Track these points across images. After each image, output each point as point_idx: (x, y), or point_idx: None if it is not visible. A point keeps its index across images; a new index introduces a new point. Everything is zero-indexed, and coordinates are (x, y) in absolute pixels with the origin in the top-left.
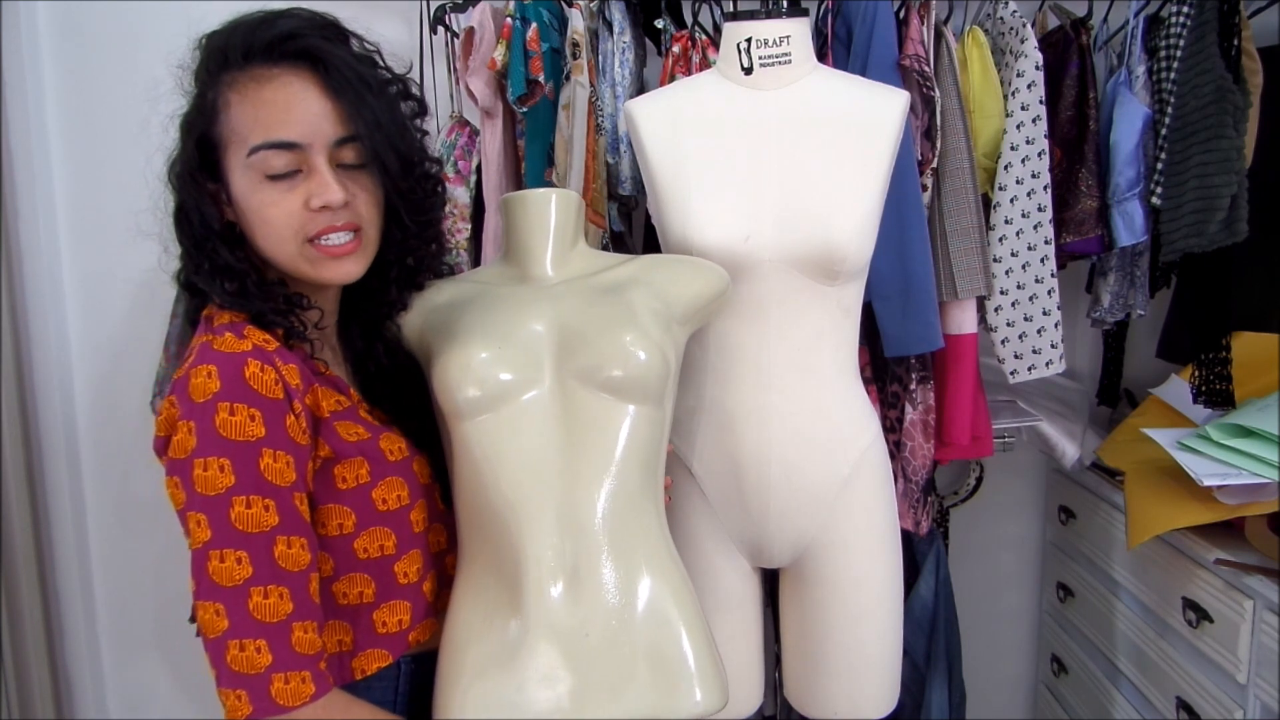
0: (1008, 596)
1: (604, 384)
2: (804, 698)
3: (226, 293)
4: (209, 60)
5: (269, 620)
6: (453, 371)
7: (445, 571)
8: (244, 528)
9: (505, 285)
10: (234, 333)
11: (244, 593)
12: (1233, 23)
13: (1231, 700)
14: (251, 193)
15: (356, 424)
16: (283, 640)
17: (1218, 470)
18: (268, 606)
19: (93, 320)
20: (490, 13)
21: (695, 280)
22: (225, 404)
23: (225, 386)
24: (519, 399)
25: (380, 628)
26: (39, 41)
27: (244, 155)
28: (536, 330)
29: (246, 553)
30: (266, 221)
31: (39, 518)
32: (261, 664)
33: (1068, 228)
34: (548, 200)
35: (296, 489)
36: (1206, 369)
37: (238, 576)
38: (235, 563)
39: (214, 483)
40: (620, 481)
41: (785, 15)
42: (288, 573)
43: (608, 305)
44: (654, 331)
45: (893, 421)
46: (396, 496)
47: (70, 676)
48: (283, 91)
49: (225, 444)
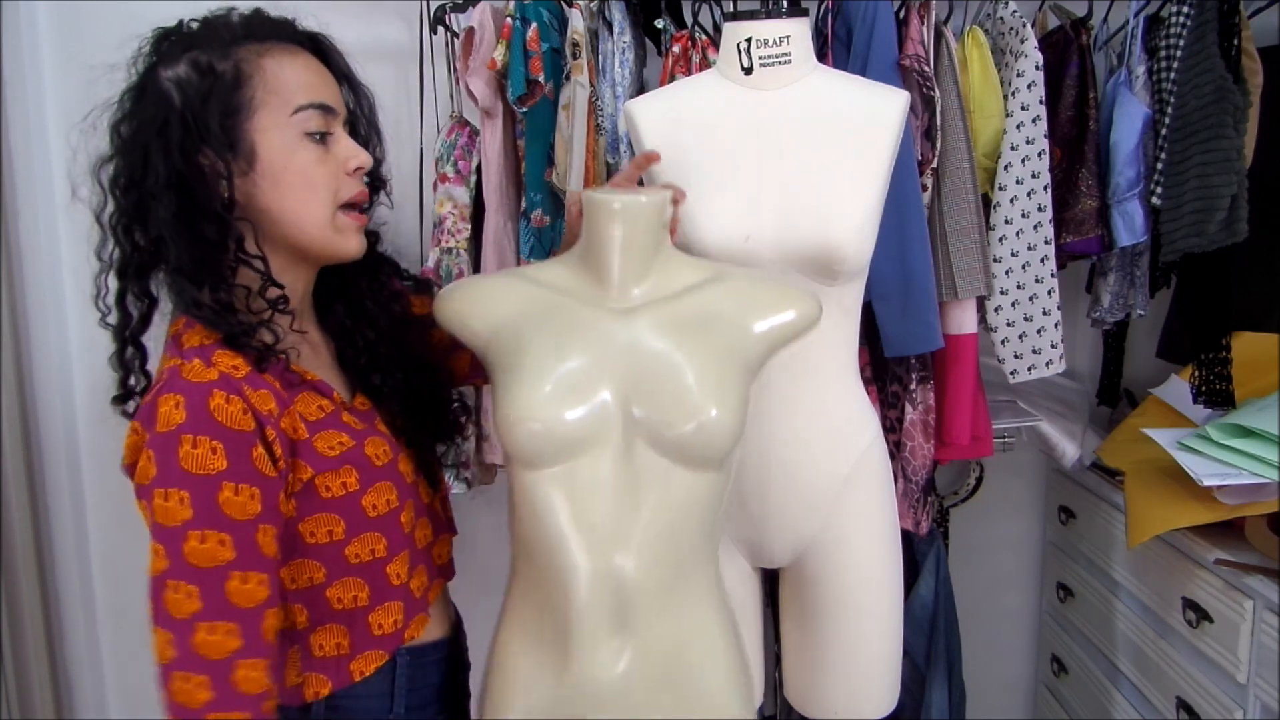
0: (1008, 596)
1: (670, 444)
2: (804, 698)
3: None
4: (214, 35)
5: (213, 657)
6: (520, 425)
7: (434, 563)
8: (197, 562)
9: (579, 299)
10: (202, 359)
11: (191, 627)
12: (1233, 23)
13: (1231, 700)
14: (295, 151)
15: (340, 432)
16: (224, 678)
17: (1218, 470)
18: (213, 643)
19: (93, 320)
20: (490, 13)
21: (786, 310)
22: (189, 436)
23: (190, 418)
24: (583, 455)
25: (376, 629)
26: (39, 41)
27: (286, 114)
28: (609, 377)
29: (197, 588)
30: (310, 182)
31: (39, 518)
32: (200, 699)
33: (1068, 228)
34: (629, 210)
35: (262, 521)
36: (1206, 369)
37: (187, 610)
38: (185, 596)
39: (173, 514)
40: (675, 546)
41: (785, 15)
42: (238, 609)
43: (685, 346)
44: (729, 382)
45: (893, 421)
46: (386, 501)
47: (70, 676)
48: (313, 62)
49: (186, 476)
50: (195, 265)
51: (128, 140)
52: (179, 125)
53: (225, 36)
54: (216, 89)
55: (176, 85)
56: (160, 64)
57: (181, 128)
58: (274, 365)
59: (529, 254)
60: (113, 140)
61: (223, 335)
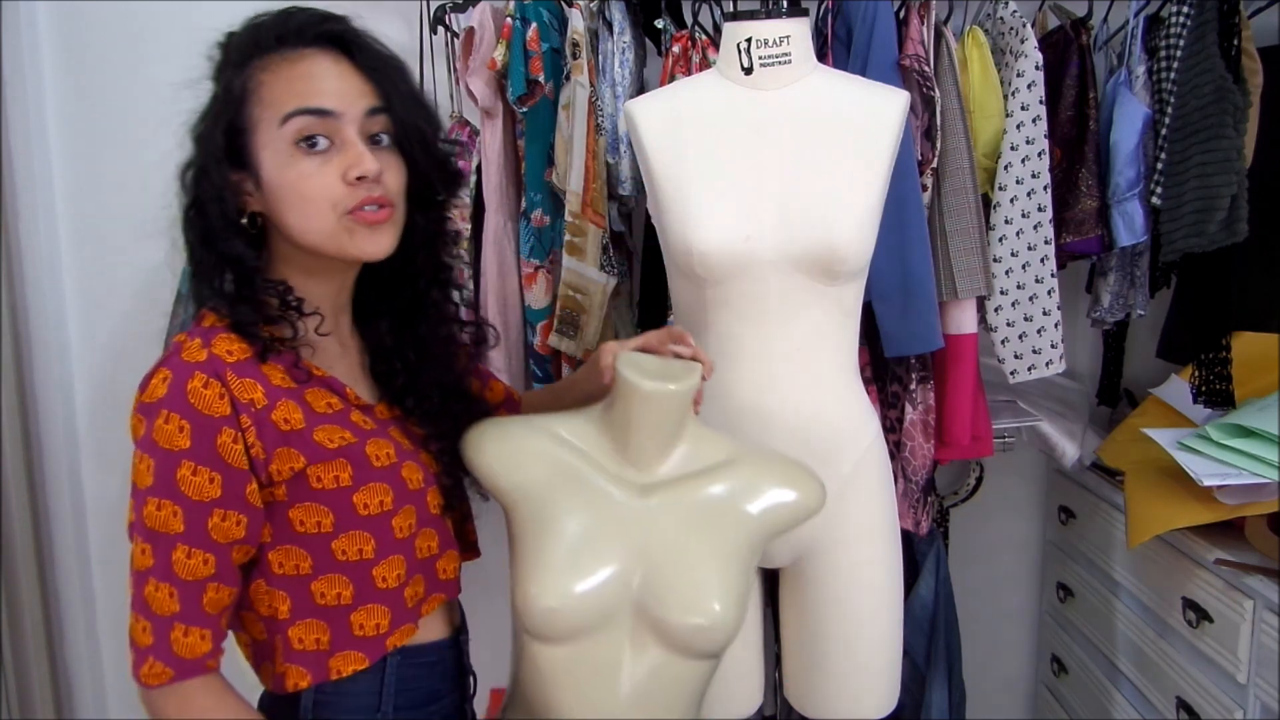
0: (1008, 596)
1: (674, 637)
2: (804, 698)
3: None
4: (235, 52)
5: (156, 611)
6: (538, 601)
7: (436, 576)
8: (152, 525)
9: (602, 468)
10: (203, 339)
11: (144, 579)
12: (1233, 23)
13: (1231, 700)
14: (287, 166)
15: (344, 429)
16: (162, 633)
17: (1218, 470)
18: (158, 599)
19: (93, 320)
20: (490, 13)
21: (792, 499)
22: (164, 411)
23: (169, 394)
24: (590, 638)
25: (357, 630)
26: (39, 41)
27: (275, 127)
28: (624, 564)
29: (150, 546)
30: (304, 196)
31: (39, 518)
32: (144, 642)
33: (1068, 228)
34: (657, 398)
35: (219, 505)
36: (1206, 369)
37: (141, 564)
38: (140, 552)
39: (141, 477)
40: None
41: (785, 15)
42: (179, 578)
43: (695, 539)
44: (735, 578)
45: (893, 421)
46: (379, 502)
47: (70, 676)
48: (316, 66)
49: (154, 447)
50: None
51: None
52: (207, 145)
53: (244, 51)
54: (228, 109)
55: (214, 103)
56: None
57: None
58: (282, 357)
59: (529, 254)
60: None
61: (232, 324)
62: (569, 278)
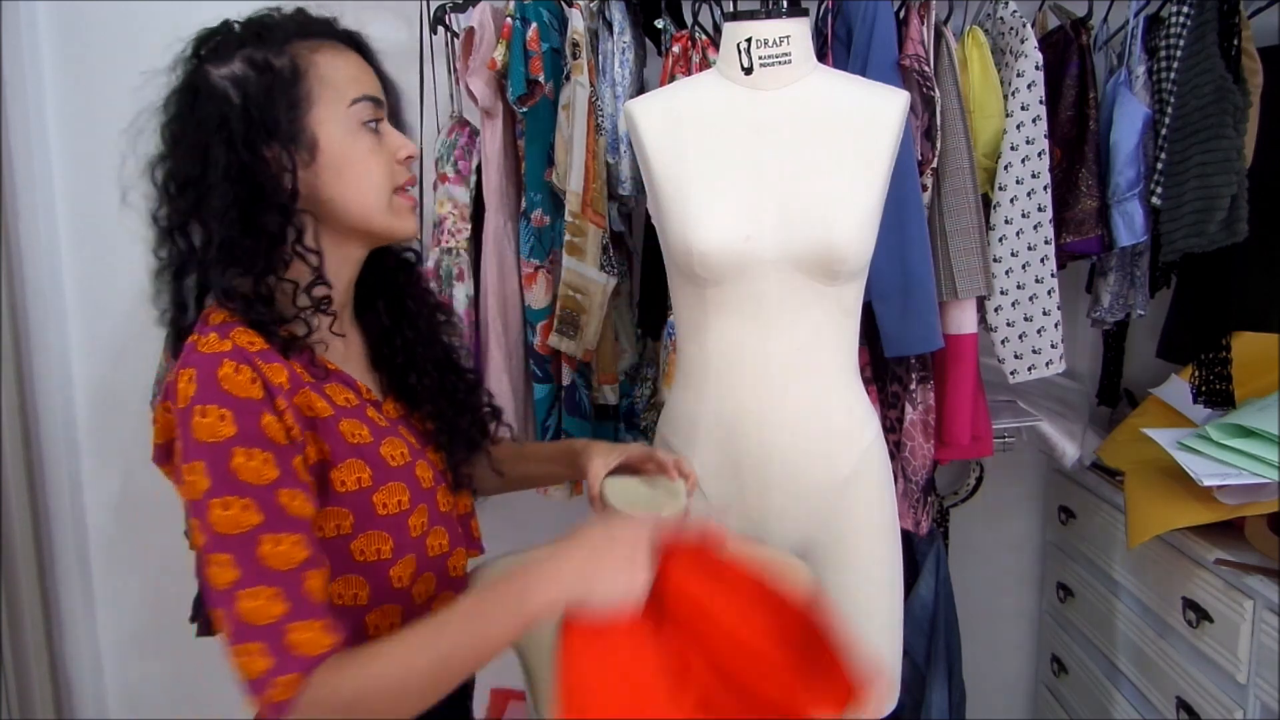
0: (1008, 596)
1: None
2: None
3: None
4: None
5: (261, 623)
6: None
7: (447, 574)
8: (225, 530)
9: None
10: (219, 333)
11: (233, 596)
12: (1233, 23)
13: (1231, 700)
14: (355, 141)
15: (363, 424)
16: (278, 643)
17: (1218, 470)
18: (258, 610)
19: (93, 320)
20: (490, 13)
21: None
22: (199, 407)
23: (200, 389)
24: None
25: (373, 631)
26: (39, 41)
27: (344, 106)
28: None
29: (230, 555)
30: (370, 169)
31: (39, 518)
32: (260, 667)
33: (1068, 228)
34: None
35: (281, 485)
36: (1206, 369)
37: (226, 580)
38: (220, 567)
39: (196, 487)
40: None
41: (785, 15)
42: (276, 572)
43: None
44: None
45: (893, 421)
46: (397, 501)
47: (70, 676)
48: (356, 58)
49: (200, 446)
50: (248, 256)
51: (184, 139)
52: (242, 120)
53: (278, 34)
54: (278, 84)
55: (234, 82)
56: (209, 63)
57: (245, 122)
58: (300, 355)
59: (529, 254)
60: (166, 141)
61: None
62: (569, 278)
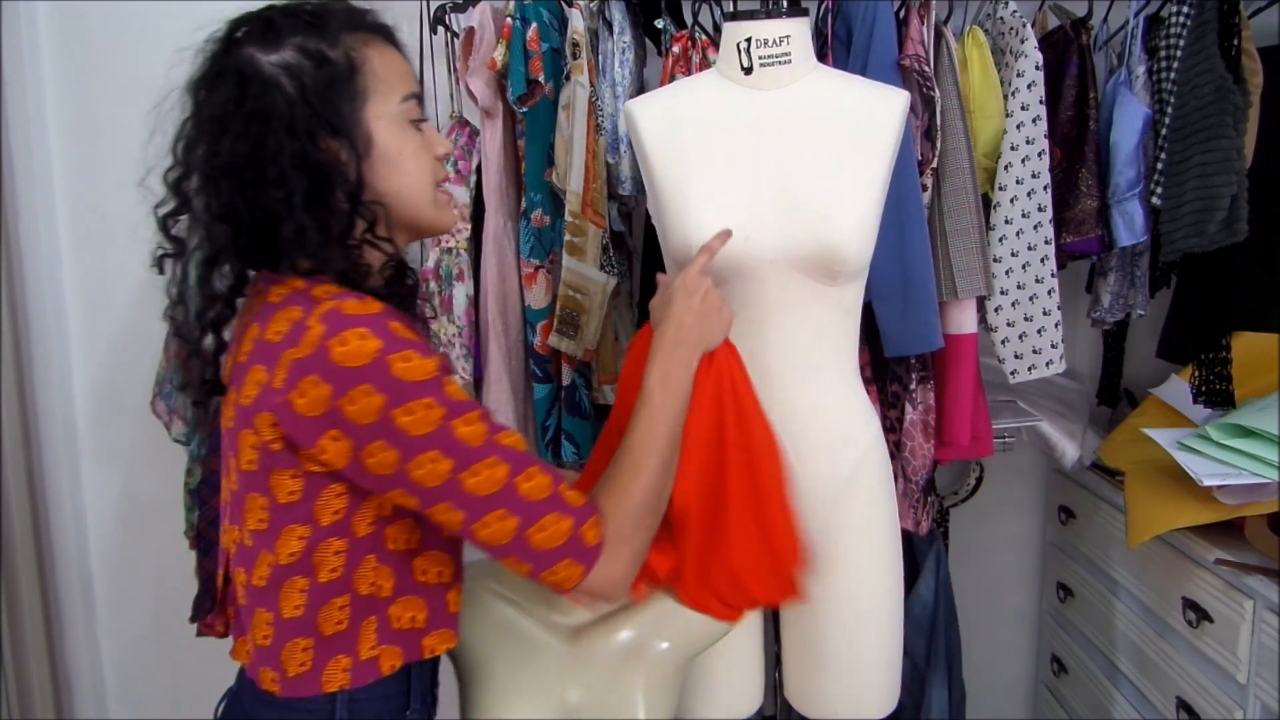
0: (1008, 596)
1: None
2: (804, 698)
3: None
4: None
5: (542, 497)
6: None
7: None
8: (476, 442)
9: (531, 623)
10: (354, 298)
11: (512, 487)
12: (1233, 23)
13: (1231, 700)
14: (405, 137)
15: None
16: (564, 505)
17: (1218, 470)
18: (536, 487)
19: (93, 320)
20: (490, 13)
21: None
22: (395, 355)
23: (385, 342)
24: None
25: (451, 606)
26: (39, 41)
27: (395, 102)
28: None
29: (494, 456)
30: (420, 165)
31: (39, 518)
32: (566, 528)
33: (1068, 228)
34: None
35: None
36: (1206, 369)
37: (499, 479)
38: (488, 471)
39: (430, 419)
40: None
41: (785, 15)
42: (526, 454)
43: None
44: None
45: (893, 421)
46: None
47: (70, 676)
48: (400, 56)
49: (417, 386)
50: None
51: (231, 125)
52: (305, 111)
53: (330, 25)
54: (336, 77)
55: (287, 71)
56: (254, 48)
57: (308, 114)
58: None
59: (529, 254)
60: (206, 125)
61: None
62: (569, 278)
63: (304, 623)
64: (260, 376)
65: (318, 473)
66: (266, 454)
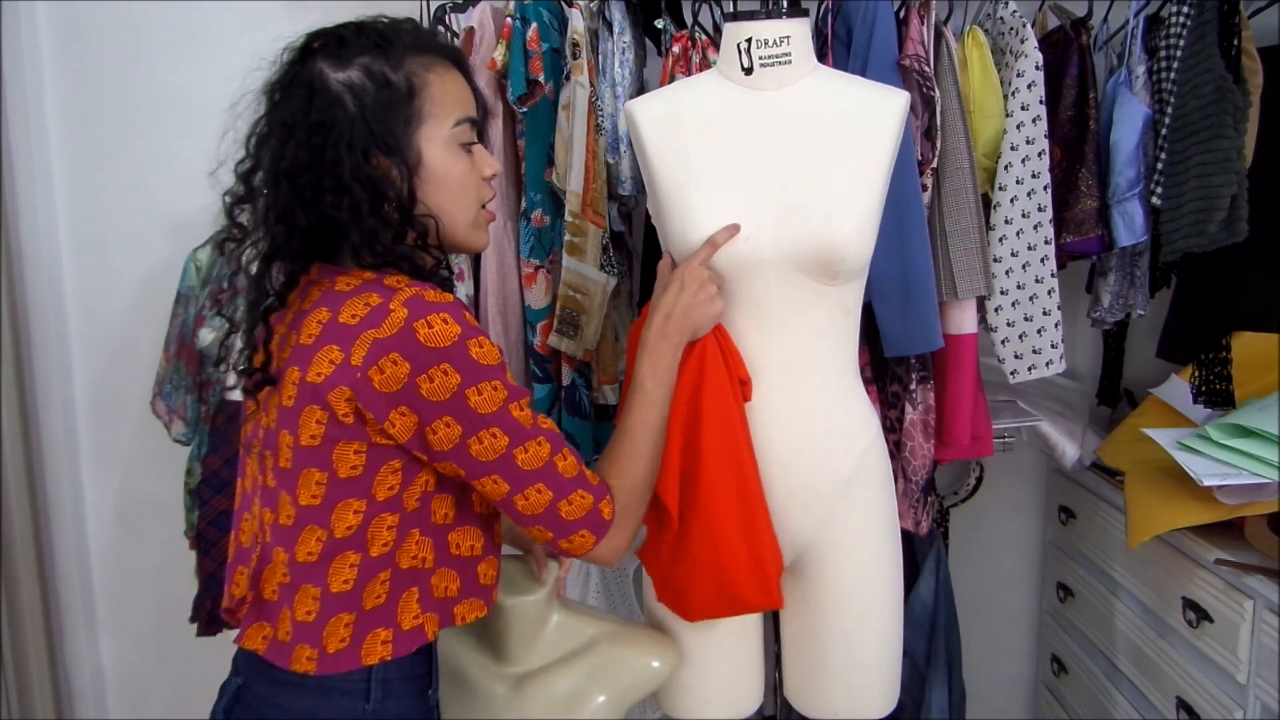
0: (1008, 596)
1: None
2: (804, 697)
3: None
4: (385, 45)
5: (572, 475)
6: None
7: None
8: (527, 423)
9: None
10: (431, 287)
11: (551, 465)
12: (1233, 23)
13: (1231, 700)
14: (455, 160)
15: None
16: (588, 483)
17: (1218, 470)
18: (569, 465)
19: (93, 320)
20: (490, 13)
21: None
22: (471, 341)
23: (463, 328)
24: None
25: (482, 579)
26: (39, 41)
27: (448, 126)
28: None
29: (542, 436)
30: (466, 188)
31: (39, 518)
32: (589, 503)
33: (1068, 228)
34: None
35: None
36: (1206, 369)
37: (543, 456)
38: (536, 448)
39: (494, 400)
40: None
41: (785, 15)
42: (561, 436)
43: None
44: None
45: (893, 421)
46: None
47: (70, 676)
48: (459, 76)
49: (489, 369)
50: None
51: (296, 133)
52: (362, 129)
53: (397, 48)
54: (395, 99)
55: (351, 90)
56: (325, 63)
57: (365, 131)
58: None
59: (529, 254)
60: (276, 129)
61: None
62: (569, 278)
63: (350, 597)
64: (335, 355)
65: (382, 445)
66: (335, 426)
